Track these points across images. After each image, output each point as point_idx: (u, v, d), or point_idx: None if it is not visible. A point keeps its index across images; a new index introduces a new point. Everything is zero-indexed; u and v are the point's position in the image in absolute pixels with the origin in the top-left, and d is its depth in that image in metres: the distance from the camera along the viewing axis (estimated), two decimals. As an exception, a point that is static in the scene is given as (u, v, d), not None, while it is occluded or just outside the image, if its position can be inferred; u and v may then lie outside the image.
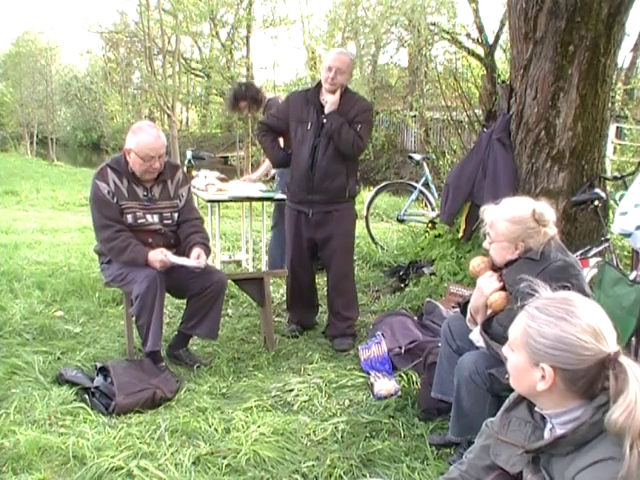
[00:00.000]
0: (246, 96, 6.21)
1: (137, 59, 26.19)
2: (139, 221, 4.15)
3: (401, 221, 8.07)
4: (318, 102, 4.61)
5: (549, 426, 1.92)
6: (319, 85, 4.65)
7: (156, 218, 4.21)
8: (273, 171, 6.56)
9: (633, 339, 3.70)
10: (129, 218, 4.12)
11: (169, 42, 21.21)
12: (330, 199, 4.63)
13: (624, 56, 12.05)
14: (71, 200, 12.47)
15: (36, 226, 9.30)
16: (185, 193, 4.38)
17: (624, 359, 1.72)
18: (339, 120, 4.49)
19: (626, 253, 5.51)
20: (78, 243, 7.88)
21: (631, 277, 4.28)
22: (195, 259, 4.11)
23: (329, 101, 4.53)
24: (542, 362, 1.79)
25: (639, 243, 4.44)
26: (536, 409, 1.94)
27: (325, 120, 4.54)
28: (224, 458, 3.18)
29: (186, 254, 4.17)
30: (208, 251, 4.30)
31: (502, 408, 2.09)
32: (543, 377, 1.79)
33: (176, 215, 4.30)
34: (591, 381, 1.76)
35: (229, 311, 5.41)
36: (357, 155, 4.71)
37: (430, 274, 5.78)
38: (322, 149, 4.54)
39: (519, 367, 1.87)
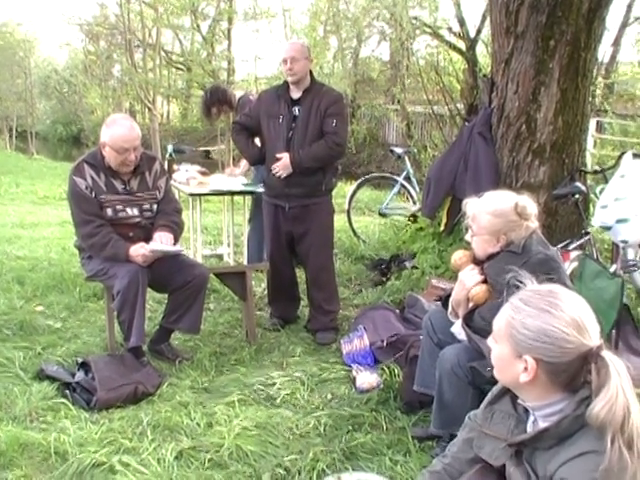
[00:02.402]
0: (214, 101, 6.12)
1: (117, 52, 26.00)
2: (119, 214, 4.13)
3: (383, 215, 8.07)
4: (288, 96, 4.59)
5: (532, 419, 1.93)
6: None
7: (136, 211, 4.19)
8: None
9: (613, 331, 3.74)
10: (109, 212, 4.10)
11: (150, 35, 21.06)
12: (307, 193, 4.61)
13: (604, 51, 12.15)
14: (51, 194, 12.35)
15: (16, 220, 9.21)
16: (163, 184, 4.35)
17: (606, 353, 1.73)
18: (302, 154, 4.48)
19: (606, 246, 5.55)
20: (58, 237, 7.81)
21: (611, 270, 4.33)
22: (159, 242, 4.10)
23: (281, 167, 4.52)
24: (525, 354, 1.80)
25: (619, 236, 4.48)
26: (519, 402, 1.95)
27: (297, 113, 4.53)
28: (207, 452, 3.17)
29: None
30: (175, 232, 4.25)
31: (485, 401, 2.09)
32: (526, 369, 1.80)
33: (155, 207, 4.28)
34: (573, 374, 1.78)
35: (211, 305, 5.39)
36: (341, 154, 4.68)
37: (412, 267, 5.79)
38: (298, 143, 4.52)
39: (502, 358, 1.88)
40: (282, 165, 4.52)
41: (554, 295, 1.83)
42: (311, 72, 4.65)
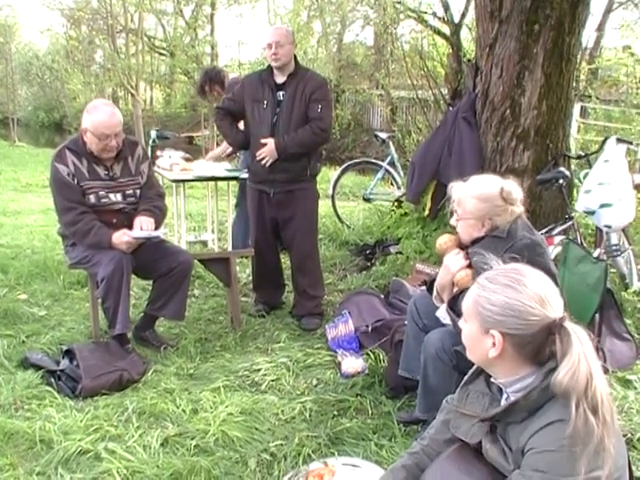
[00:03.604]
0: (206, 80, 6.27)
1: (100, 37, 25.72)
2: (102, 201, 4.10)
3: (367, 200, 8.07)
4: (272, 81, 4.57)
5: (505, 396, 1.99)
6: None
7: (119, 197, 4.16)
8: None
9: (597, 316, 3.76)
10: (92, 198, 4.07)
11: (132, 20, 20.87)
12: (291, 178, 4.60)
13: (588, 36, 12.14)
14: (34, 181, 12.25)
15: (-2, 208, 9.15)
16: (146, 169, 4.33)
17: (568, 324, 1.81)
18: (288, 140, 4.47)
19: (590, 231, 5.57)
20: (41, 225, 7.77)
21: (595, 254, 4.35)
22: (139, 229, 4.08)
23: (267, 153, 4.51)
24: (492, 329, 1.87)
25: (603, 221, 4.50)
26: (492, 380, 2.02)
27: (281, 98, 4.52)
28: (192, 439, 3.17)
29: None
30: (157, 217, 4.23)
31: (462, 382, 2.15)
32: (494, 344, 1.87)
33: (139, 192, 4.26)
34: (539, 346, 1.85)
35: (195, 292, 5.38)
36: (327, 140, 4.68)
37: (396, 253, 5.80)
38: (282, 128, 4.51)
39: (472, 336, 1.96)
40: (267, 151, 4.50)
41: (518, 272, 1.91)
42: (295, 57, 4.63)
